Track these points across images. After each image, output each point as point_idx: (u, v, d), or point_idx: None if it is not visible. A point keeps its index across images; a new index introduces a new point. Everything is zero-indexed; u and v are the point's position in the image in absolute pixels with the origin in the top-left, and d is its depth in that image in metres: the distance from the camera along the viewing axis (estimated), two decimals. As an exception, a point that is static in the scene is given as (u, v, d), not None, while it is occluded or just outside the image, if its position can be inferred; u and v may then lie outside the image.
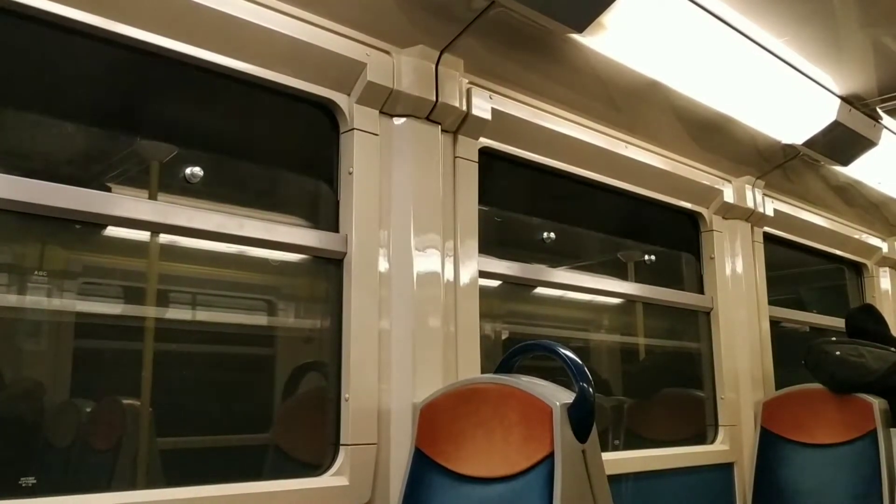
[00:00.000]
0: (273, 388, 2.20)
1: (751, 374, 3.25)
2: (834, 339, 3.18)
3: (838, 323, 3.87)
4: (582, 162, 2.72)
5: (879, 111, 3.18)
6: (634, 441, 3.16)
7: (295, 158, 2.23)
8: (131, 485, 1.88)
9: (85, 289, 1.93)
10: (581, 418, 1.71)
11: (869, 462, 2.82)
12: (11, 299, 1.82)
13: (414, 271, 2.06)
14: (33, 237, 1.82)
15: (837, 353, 2.99)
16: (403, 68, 2.07)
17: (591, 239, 3.36)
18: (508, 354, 1.98)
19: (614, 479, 2.03)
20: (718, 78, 2.71)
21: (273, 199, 2.22)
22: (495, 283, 2.58)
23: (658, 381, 3.42)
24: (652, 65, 2.54)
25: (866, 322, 3.23)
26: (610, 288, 3.05)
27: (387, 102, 2.08)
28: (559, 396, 1.73)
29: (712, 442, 3.14)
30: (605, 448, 1.89)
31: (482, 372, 2.20)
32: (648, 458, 2.80)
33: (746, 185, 3.35)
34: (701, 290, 3.29)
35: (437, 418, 1.90)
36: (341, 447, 1.93)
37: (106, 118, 1.89)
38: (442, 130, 2.19)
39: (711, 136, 3.05)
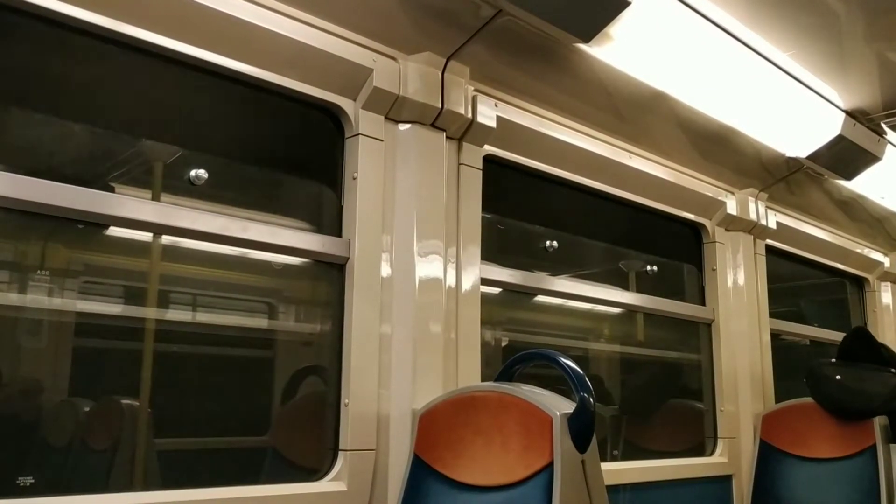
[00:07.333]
0: (273, 391, 2.19)
1: (751, 386, 3.24)
2: (834, 360, 3.15)
3: (839, 337, 3.87)
4: (586, 171, 2.72)
5: (884, 126, 3.18)
6: (633, 451, 3.15)
7: (299, 162, 2.23)
8: (128, 486, 1.87)
9: (86, 288, 1.93)
10: (581, 428, 1.70)
11: (868, 477, 2.81)
12: (12, 297, 1.81)
13: (416, 277, 2.06)
14: (36, 236, 1.82)
15: (838, 377, 2.98)
16: (409, 75, 2.07)
17: (594, 248, 3.35)
18: (509, 363, 1.97)
19: (613, 490, 2.02)
20: (723, 90, 2.71)
21: (277, 203, 2.22)
22: (496, 290, 2.58)
23: (658, 392, 3.42)
24: (658, 76, 2.54)
25: (858, 350, 3.17)
26: (611, 298, 3.04)
27: (392, 108, 2.08)
28: (559, 406, 1.73)
29: (711, 454, 3.13)
30: (603, 458, 1.88)
31: (482, 379, 2.19)
32: (647, 469, 2.80)
33: (749, 198, 3.35)
34: (702, 302, 3.28)
35: (436, 425, 1.90)
36: (340, 452, 1.93)
37: (110, 118, 1.88)
38: (447, 137, 2.20)
39: (715, 147, 3.05)
